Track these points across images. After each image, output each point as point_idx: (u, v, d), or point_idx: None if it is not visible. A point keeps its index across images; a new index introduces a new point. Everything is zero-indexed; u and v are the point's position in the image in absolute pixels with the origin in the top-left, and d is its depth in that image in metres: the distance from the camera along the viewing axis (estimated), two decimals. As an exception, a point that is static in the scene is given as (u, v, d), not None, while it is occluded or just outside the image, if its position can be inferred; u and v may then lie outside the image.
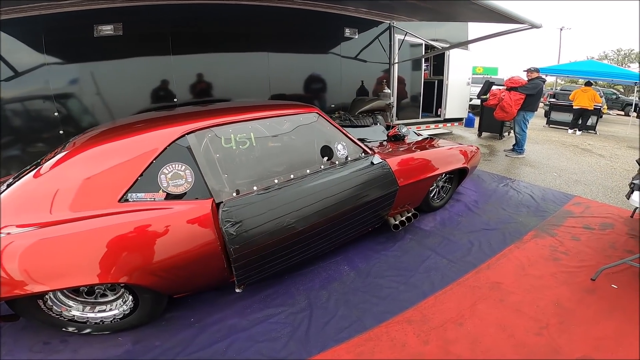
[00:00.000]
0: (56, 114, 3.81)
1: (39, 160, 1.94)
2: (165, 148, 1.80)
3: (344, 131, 2.54)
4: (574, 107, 8.85)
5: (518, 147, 5.97)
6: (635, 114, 11.13)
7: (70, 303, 1.79)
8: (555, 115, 9.78)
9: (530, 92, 5.60)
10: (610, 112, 12.00)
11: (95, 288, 1.80)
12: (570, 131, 8.84)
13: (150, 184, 1.75)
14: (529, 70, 5.77)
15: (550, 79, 13.28)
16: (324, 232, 2.21)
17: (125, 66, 4.06)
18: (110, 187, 1.68)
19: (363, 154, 2.56)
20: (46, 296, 1.68)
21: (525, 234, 3.01)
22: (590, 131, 8.91)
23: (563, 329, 1.87)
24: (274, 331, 1.89)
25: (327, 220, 2.17)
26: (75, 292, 1.78)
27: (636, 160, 3.46)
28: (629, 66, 24.89)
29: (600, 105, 9.17)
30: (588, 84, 9.11)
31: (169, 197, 1.77)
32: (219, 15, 4.41)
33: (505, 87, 5.94)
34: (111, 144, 1.84)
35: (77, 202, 1.63)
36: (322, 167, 2.29)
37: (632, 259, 2.24)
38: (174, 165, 1.80)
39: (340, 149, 2.43)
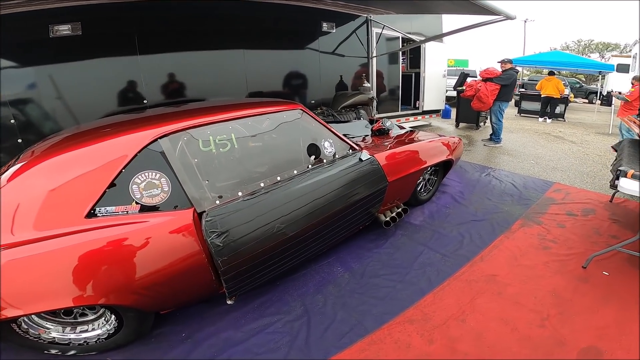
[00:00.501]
0: (13, 121, 3.47)
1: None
2: (136, 155, 1.63)
3: (329, 127, 2.43)
4: (542, 96, 9.17)
5: (495, 137, 6.09)
6: (599, 102, 11.69)
7: (48, 325, 1.63)
8: (526, 105, 10.12)
9: (505, 82, 5.73)
10: (577, 100, 12.55)
11: (73, 309, 1.63)
12: (540, 119, 9.15)
13: (121, 195, 1.57)
14: (502, 62, 5.92)
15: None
16: (315, 234, 2.10)
17: (87, 68, 3.76)
18: (74, 202, 1.49)
19: (351, 150, 2.46)
20: (20, 319, 1.52)
21: (513, 224, 3.03)
22: (559, 119, 9.27)
23: (564, 320, 1.86)
24: (272, 342, 1.78)
25: (319, 222, 2.06)
26: (52, 313, 1.61)
27: (612, 147, 3.57)
28: (589, 56, 26.16)
29: (567, 94, 9.55)
30: (551, 73, 9.50)
31: (144, 209, 1.60)
32: (190, 12, 4.17)
33: (481, 79, 6.04)
34: (73, 152, 1.64)
35: (40, 220, 1.44)
36: (310, 166, 2.17)
37: (621, 245, 2.27)
38: (147, 174, 1.63)
39: (328, 147, 2.32)
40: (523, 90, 10.73)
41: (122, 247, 1.51)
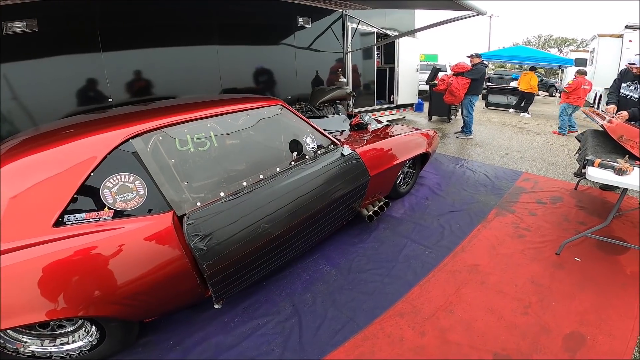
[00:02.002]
0: (-38, 123, 3.15)
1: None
2: (106, 156, 1.51)
3: (310, 123, 2.38)
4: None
5: (466, 129, 6.29)
6: (559, 95, 12.36)
7: (25, 338, 1.52)
8: (493, 98, 10.52)
9: (474, 76, 5.93)
10: (539, 93, 13.21)
11: (50, 322, 1.52)
12: (511, 110, 9.55)
13: (92, 201, 1.45)
14: (471, 56, 6.11)
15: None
16: (301, 232, 2.06)
17: (45, 66, 3.46)
18: (39, 210, 1.36)
19: (332, 145, 2.43)
20: None
21: (489, 213, 3.13)
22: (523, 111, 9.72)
23: (545, 306, 1.93)
24: (265, 344, 1.73)
25: (304, 219, 2.02)
26: (26, 326, 1.49)
27: (576, 137, 3.77)
28: (548, 50, 27.62)
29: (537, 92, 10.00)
30: (532, 69, 9.89)
31: (118, 214, 1.49)
32: (159, 6, 3.94)
33: (452, 73, 6.20)
34: (36, 155, 1.48)
35: (3, 231, 1.30)
36: (292, 163, 2.12)
37: (590, 232, 2.39)
38: (119, 177, 1.51)
39: (309, 142, 2.27)
40: (490, 84, 11.15)
41: (96, 256, 1.40)
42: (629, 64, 3.26)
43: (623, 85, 3.53)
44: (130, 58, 3.95)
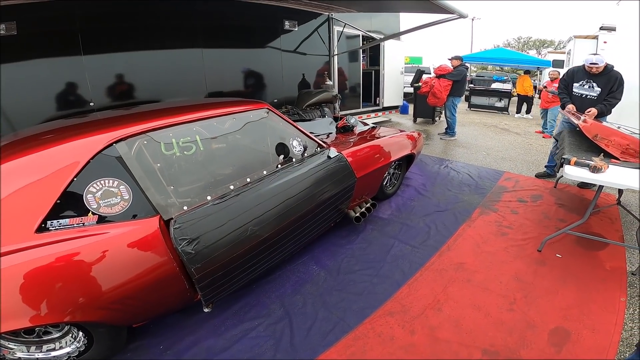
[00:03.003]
0: None
1: None
2: (89, 161, 1.48)
3: (296, 126, 2.40)
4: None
5: (450, 130, 6.43)
6: (537, 96, 12.75)
7: (10, 345, 1.48)
8: (475, 99, 10.78)
9: (455, 78, 6.09)
10: (534, 95, 13.58)
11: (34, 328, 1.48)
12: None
13: (75, 206, 1.42)
14: (452, 59, 6.27)
15: (465, 66, 14.53)
16: (289, 234, 2.06)
17: (23, 69, 3.36)
18: (21, 216, 1.33)
19: (319, 148, 2.45)
20: None
21: (473, 212, 3.21)
22: (504, 112, 9.99)
23: (529, 302, 1.99)
24: (257, 346, 1.73)
25: (292, 221, 2.03)
26: (11, 332, 1.45)
27: (553, 136, 3.91)
28: (527, 52, 28.50)
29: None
30: (526, 72, 10.13)
31: (103, 219, 1.46)
32: (142, 9, 3.89)
33: (435, 75, 6.33)
34: (17, 160, 1.44)
35: None
36: (279, 166, 2.13)
37: (570, 229, 2.48)
38: (103, 182, 1.49)
39: (296, 145, 2.29)
40: (472, 85, 11.42)
41: (81, 262, 1.38)
42: (591, 63, 3.33)
43: (575, 85, 3.56)
44: (113, 61, 3.87)
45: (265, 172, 2.03)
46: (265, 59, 5.22)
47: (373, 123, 5.27)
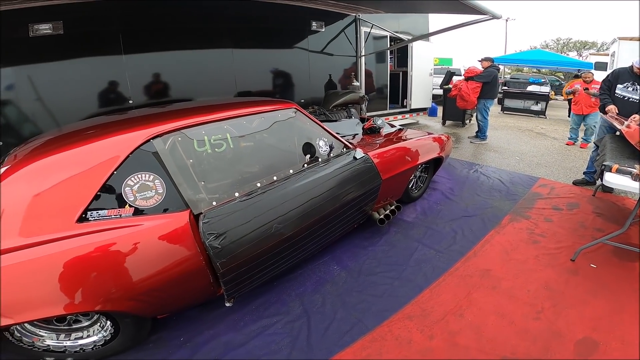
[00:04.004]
0: (-9, 123, 3.32)
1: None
2: (128, 156, 1.57)
3: (323, 126, 2.42)
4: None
5: (481, 134, 6.22)
6: (561, 97, 12.02)
7: (42, 332, 1.57)
8: (509, 102, 10.35)
9: (485, 80, 5.90)
10: (557, 97, 12.93)
11: (66, 316, 1.57)
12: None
13: (114, 198, 1.51)
14: (482, 60, 6.10)
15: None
16: (313, 233, 2.08)
17: (69, 68, 3.62)
18: (64, 206, 1.43)
19: (345, 149, 2.46)
20: (12, 328, 1.45)
21: (502, 218, 3.09)
22: (541, 116, 9.53)
23: (558, 312, 1.91)
24: (273, 343, 1.76)
25: (316, 221, 2.05)
26: (44, 320, 1.55)
27: (594, 142, 3.69)
28: (567, 54, 26.97)
29: (547, 92, 9.82)
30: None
31: (138, 212, 1.55)
32: (177, 10, 4.08)
33: (463, 78, 6.18)
34: (61, 153, 1.56)
35: (27, 226, 1.37)
36: (305, 165, 2.16)
37: (607, 238, 2.34)
38: (140, 175, 1.57)
39: (322, 145, 2.31)
40: (506, 88, 10.98)
41: (116, 252, 1.45)
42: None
43: (619, 86, 3.40)
44: (150, 61, 4.09)
45: (291, 171, 2.07)
46: (292, 60, 5.30)
47: (400, 125, 5.22)
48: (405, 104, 7.52)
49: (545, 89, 9.97)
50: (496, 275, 2.25)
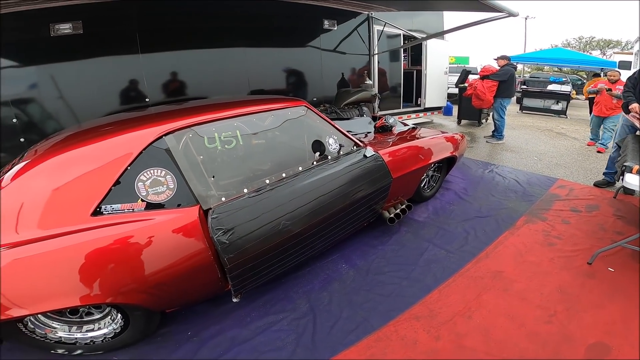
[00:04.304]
0: (15, 120, 3.47)
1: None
2: (141, 152, 1.61)
3: (333, 124, 2.42)
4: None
5: (497, 133, 6.08)
6: (581, 96, 11.56)
7: (54, 324, 1.62)
8: (528, 102, 10.08)
9: (501, 78, 5.77)
10: (579, 97, 12.49)
11: (79, 308, 1.62)
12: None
13: (127, 193, 1.55)
14: (498, 58, 5.97)
15: (517, 67, 13.72)
16: (321, 231, 2.09)
17: (88, 67, 3.75)
18: (80, 200, 1.48)
19: (355, 147, 2.45)
20: (26, 319, 1.50)
21: (517, 220, 3.02)
22: (561, 115, 9.23)
23: (571, 315, 1.85)
24: (279, 340, 1.77)
25: (324, 219, 2.05)
26: (58, 312, 1.60)
27: (616, 142, 3.55)
28: (590, 53, 25.98)
29: (569, 91, 9.50)
30: (596, 75, 9.26)
31: (150, 206, 1.59)
32: (191, 10, 4.16)
33: (479, 77, 6.08)
34: (78, 149, 1.62)
35: (45, 219, 1.42)
36: (315, 163, 2.16)
37: (626, 241, 2.26)
38: (152, 171, 1.61)
39: (332, 143, 2.31)
40: (525, 87, 10.68)
41: (129, 245, 1.50)
42: None
43: None
44: (165, 60, 4.18)
45: (300, 169, 2.07)
46: (304, 58, 5.31)
47: (414, 124, 5.16)
48: (419, 102, 7.43)
49: (567, 88, 9.65)
50: (508, 277, 2.20)
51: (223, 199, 1.73)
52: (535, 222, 2.96)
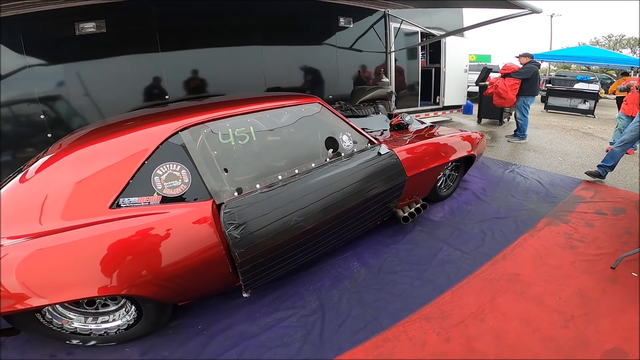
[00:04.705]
0: (42, 117, 3.64)
1: (21, 167, 1.78)
2: (158, 147, 1.65)
3: (348, 121, 2.40)
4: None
5: (520, 133, 5.91)
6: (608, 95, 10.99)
7: (71, 315, 1.67)
8: (553, 100, 9.71)
9: (523, 76, 5.60)
10: (608, 96, 11.94)
11: (96, 299, 1.68)
12: None
13: (144, 186, 1.60)
14: (520, 56, 5.81)
15: (543, 65, 13.26)
16: (332, 228, 2.08)
17: (111, 65, 3.88)
18: (99, 193, 1.53)
19: (369, 144, 2.43)
20: (44, 309, 1.56)
21: (538, 222, 2.91)
22: (589, 115, 8.85)
23: (589, 320, 1.78)
24: (286, 336, 1.78)
25: (336, 216, 2.04)
26: (75, 303, 1.66)
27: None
28: (620, 51, 24.76)
29: (597, 90, 9.09)
30: (625, 74, 8.87)
31: (165, 200, 1.63)
32: (209, 9, 4.23)
33: (500, 75, 5.94)
34: (99, 144, 1.68)
35: (67, 210, 1.48)
36: (328, 160, 2.16)
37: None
38: (168, 166, 1.65)
39: (346, 140, 2.29)
40: (550, 85, 10.29)
41: (144, 238, 1.54)
42: None
43: None
44: (184, 58, 4.28)
45: (313, 165, 2.07)
46: (320, 56, 5.31)
47: (431, 122, 5.07)
48: (437, 101, 7.29)
49: (595, 87, 9.23)
50: (526, 280, 2.13)
51: (235, 194, 1.75)
52: (557, 225, 2.85)
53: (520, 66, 5.70)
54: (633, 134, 3.62)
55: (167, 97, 4.19)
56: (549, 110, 9.71)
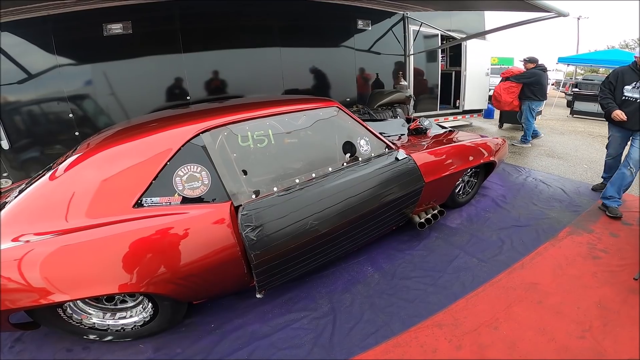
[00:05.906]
0: (71, 115, 3.79)
1: (50, 165, 1.87)
2: (180, 148, 1.70)
3: (365, 125, 2.40)
4: None
5: (523, 137, 5.90)
6: None
7: (90, 310, 1.73)
8: (580, 105, 9.37)
9: (521, 80, 5.65)
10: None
11: (116, 295, 1.74)
12: None
13: (165, 187, 1.65)
14: (524, 61, 5.83)
15: (569, 69, 12.79)
16: (347, 233, 2.09)
17: (136, 65, 4.01)
18: (124, 192, 1.60)
19: (387, 149, 2.42)
20: (66, 304, 1.63)
21: (560, 231, 2.82)
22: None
23: (607, 331, 1.73)
24: (297, 337, 1.80)
25: (351, 220, 2.05)
26: (95, 299, 1.72)
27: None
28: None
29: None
30: None
31: (185, 200, 1.68)
32: (229, 11, 4.31)
33: (500, 79, 6.09)
34: (124, 145, 1.75)
35: (92, 208, 1.54)
36: (345, 164, 2.17)
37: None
38: (189, 167, 1.70)
39: (363, 145, 2.30)
40: (577, 90, 9.92)
41: (164, 237, 1.58)
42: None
43: (627, 87, 3.09)
44: (205, 59, 4.36)
45: (330, 169, 2.09)
46: (338, 58, 5.31)
47: (451, 127, 5.00)
48: (457, 104, 7.15)
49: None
50: (544, 289, 2.08)
51: (253, 196, 1.78)
52: (580, 234, 2.76)
53: (524, 70, 5.72)
54: (614, 149, 3.57)
55: (188, 97, 4.29)
56: (574, 116, 9.37)
